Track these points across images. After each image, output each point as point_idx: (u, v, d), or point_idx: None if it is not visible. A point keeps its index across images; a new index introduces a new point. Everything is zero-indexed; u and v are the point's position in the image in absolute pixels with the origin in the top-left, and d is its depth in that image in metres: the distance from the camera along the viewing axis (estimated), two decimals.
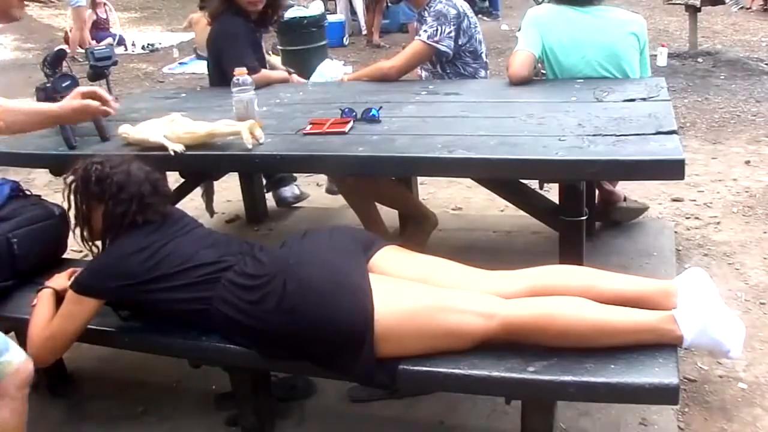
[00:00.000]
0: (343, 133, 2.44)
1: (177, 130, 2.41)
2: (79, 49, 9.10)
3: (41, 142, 2.68)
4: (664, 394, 1.62)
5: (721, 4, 7.42)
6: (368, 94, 2.95)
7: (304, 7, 6.70)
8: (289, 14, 5.74)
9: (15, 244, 2.28)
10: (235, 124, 2.39)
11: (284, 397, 2.29)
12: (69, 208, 2.10)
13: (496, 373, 1.69)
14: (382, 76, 3.20)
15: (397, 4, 4.94)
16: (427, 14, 3.16)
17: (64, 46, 7.23)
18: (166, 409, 2.36)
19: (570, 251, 2.32)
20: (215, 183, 3.72)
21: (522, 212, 2.64)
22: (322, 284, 1.78)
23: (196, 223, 2.17)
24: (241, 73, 2.51)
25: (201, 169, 3.10)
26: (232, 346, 1.91)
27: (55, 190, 3.37)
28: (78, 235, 2.08)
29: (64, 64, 2.66)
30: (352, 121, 2.52)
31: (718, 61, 6.64)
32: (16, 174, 3.78)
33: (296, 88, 3.37)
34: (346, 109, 2.59)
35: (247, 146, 2.31)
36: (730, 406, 2.19)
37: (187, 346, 1.98)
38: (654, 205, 3.60)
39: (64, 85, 2.57)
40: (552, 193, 2.95)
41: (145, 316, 2.04)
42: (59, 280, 2.13)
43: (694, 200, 3.72)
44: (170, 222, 2.06)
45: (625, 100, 2.55)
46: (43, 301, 2.08)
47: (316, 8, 6.76)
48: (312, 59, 5.55)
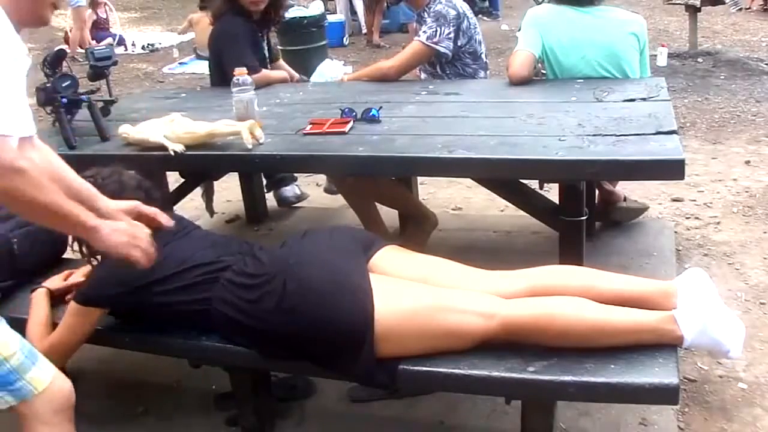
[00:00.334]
0: (343, 133, 2.44)
1: (177, 130, 2.41)
2: (79, 49, 9.10)
3: None
4: (664, 394, 1.62)
5: (721, 4, 7.42)
6: (368, 94, 2.95)
7: (304, 7, 6.71)
8: (289, 14, 5.73)
9: (15, 244, 2.29)
10: (235, 124, 2.39)
11: (284, 397, 2.29)
12: None
13: (496, 373, 1.68)
14: (382, 76, 3.21)
15: (397, 5, 4.93)
16: (426, 15, 3.16)
17: (64, 46, 7.23)
18: (166, 409, 2.37)
19: (570, 251, 2.32)
20: (215, 183, 3.71)
21: (522, 212, 2.64)
22: (322, 284, 1.78)
23: (193, 225, 2.17)
24: (241, 73, 2.51)
25: (201, 169, 3.10)
26: (232, 346, 1.90)
27: None
28: (77, 251, 2.07)
29: (64, 64, 2.65)
30: (352, 121, 2.52)
31: (718, 61, 6.64)
32: None
33: (296, 88, 3.38)
34: (346, 109, 2.59)
35: (247, 146, 2.31)
36: (730, 406, 2.19)
37: (187, 346, 1.98)
38: (654, 205, 3.60)
39: (64, 85, 2.57)
40: (552, 193, 2.95)
41: (149, 322, 2.03)
42: (54, 281, 2.14)
43: (694, 200, 3.72)
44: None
45: (625, 100, 2.55)
46: (37, 301, 2.08)
47: (316, 8, 6.77)
48: (312, 59, 5.57)
